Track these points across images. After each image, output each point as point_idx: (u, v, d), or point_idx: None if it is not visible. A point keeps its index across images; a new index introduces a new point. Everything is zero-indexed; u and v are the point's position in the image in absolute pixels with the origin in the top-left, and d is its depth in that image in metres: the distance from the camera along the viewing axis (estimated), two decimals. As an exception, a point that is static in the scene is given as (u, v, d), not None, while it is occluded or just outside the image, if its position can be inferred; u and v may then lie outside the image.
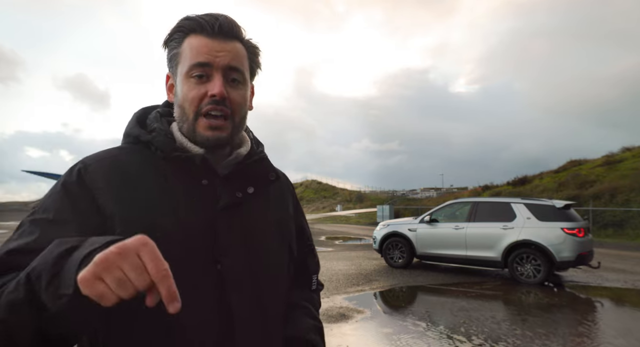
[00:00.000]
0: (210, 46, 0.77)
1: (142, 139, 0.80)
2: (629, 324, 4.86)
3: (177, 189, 0.77)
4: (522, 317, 5.18)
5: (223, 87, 0.76)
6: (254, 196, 0.84)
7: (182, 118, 0.80)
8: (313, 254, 1.04)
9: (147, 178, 0.76)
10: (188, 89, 0.77)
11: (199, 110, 0.77)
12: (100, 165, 0.75)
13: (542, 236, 7.08)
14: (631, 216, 16.11)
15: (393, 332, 4.57)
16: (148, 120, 0.85)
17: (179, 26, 0.79)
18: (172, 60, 0.81)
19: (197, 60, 0.76)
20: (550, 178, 23.61)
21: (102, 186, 0.72)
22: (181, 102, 0.79)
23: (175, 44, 0.80)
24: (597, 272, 8.03)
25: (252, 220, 0.83)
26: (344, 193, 51.45)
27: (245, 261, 0.79)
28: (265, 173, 0.89)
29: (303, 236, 1.02)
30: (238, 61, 0.79)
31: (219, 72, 0.77)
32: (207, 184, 0.79)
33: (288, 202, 0.97)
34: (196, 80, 0.77)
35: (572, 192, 19.25)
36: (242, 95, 0.81)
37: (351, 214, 34.13)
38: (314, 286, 1.02)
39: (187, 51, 0.78)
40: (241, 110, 0.82)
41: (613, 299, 6.21)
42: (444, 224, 8.38)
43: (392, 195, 46.15)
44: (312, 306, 0.96)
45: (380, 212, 26.64)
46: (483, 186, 29.08)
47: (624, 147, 23.76)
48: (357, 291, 6.61)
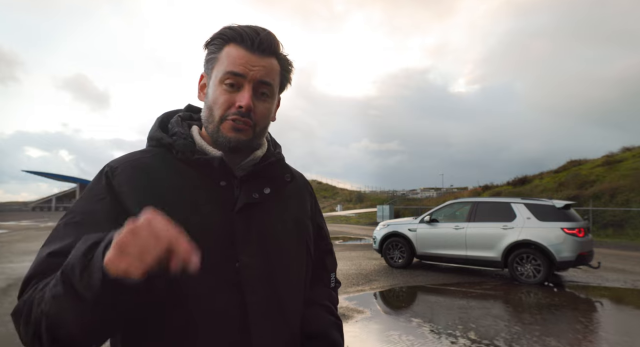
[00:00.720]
0: (247, 59, 0.80)
1: (164, 142, 0.84)
2: (629, 324, 4.86)
3: (196, 190, 0.80)
4: (522, 317, 5.18)
5: (251, 100, 0.80)
6: (271, 197, 0.87)
7: (209, 119, 0.84)
8: (331, 253, 1.08)
9: (169, 180, 0.80)
10: (219, 94, 0.81)
11: (225, 116, 0.81)
12: (124, 168, 0.79)
13: (542, 236, 7.08)
14: (631, 216, 16.10)
15: (393, 332, 4.57)
16: (170, 125, 0.89)
17: (221, 33, 0.83)
18: (208, 63, 0.85)
19: (232, 69, 0.80)
20: (550, 178, 23.60)
21: (126, 189, 0.77)
22: (211, 104, 0.83)
23: (214, 48, 0.83)
24: (597, 272, 8.03)
25: (269, 220, 0.86)
26: (344, 193, 51.44)
27: (263, 260, 0.81)
28: (281, 174, 0.92)
29: (321, 235, 1.05)
30: (270, 76, 0.83)
31: (250, 84, 0.81)
32: (225, 185, 0.82)
33: (306, 202, 1.00)
34: (227, 87, 0.81)
35: (572, 192, 19.25)
36: (267, 108, 0.85)
37: (351, 214, 34.13)
38: (333, 283, 1.05)
39: (224, 58, 0.81)
40: (264, 122, 0.86)
41: (613, 299, 6.21)
42: (444, 224, 8.38)
43: (392, 195, 46.13)
44: (332, 304, 0.99)
45: (380, 212, 26.62)
46: (483, 186, 29.07)
47: (624, 147, 23.78)
48: (357, 291, 6.61)
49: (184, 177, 0.81)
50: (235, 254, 0.79)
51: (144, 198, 0.76)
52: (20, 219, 33.70)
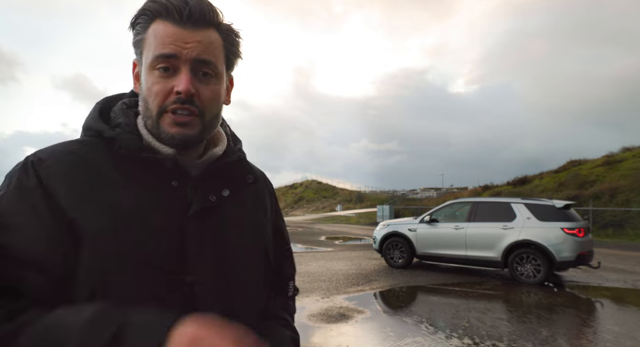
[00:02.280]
0: (177, 35, 0.67)
1: (105, 135, 0.71)
2: (629, 324, 4.86)
3: (143, 191, 0.69)
4: (522, 317, 5.18)
5: (190, 84, 0.68)
6: (230, 199, 0.77)
7: (146, 113, 0.71)
8: (290, 258, 0.96)
9: (110, 178, 0.68)
10: (152, 82, 0.69)
11: (164, 107, 0.69)
12: (56, 161, 0.66)
13: (542, 236, 7.08)
14: (631, 216, 16.10)
15: (393, 333, 4.57)
16: (112, 113, 0.76)
17: (144, 9, 0.69)
18: (136, 47, 0.72)
19: (161, 52, 0.67)
20: (550, 178, 23.60)
21: (58, 186, 0.64)
22: (145, 96, 0.71)
23: (140, 28, 0.70)
24: (597, 272, 8.03)
25: (226, 226, 0.76)
26: (344, 193, 51.44)
27: (218, 272, 0.72)
28: (242, 175, 0.81)
29: (281, 239, 0.93)
30: (210, 53, 0.70)
31: (186, 65, 0.68)
32: (177, 186, 0.71)
33: (266, 205, 0.89)
34: (161, 73, 0.68)
35: (572, 192, 19.25)
36: (214, 90, 0.72)
37: (351, 214, 34.13)
38: (290, 291, 0.94)
39: (151, 39, 0.69)
40: (213, 108, 0.73)
41: (613, 299, 6.21)
42: (444, 224, 8.38)
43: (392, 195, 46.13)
44: (289, 315, 0.91)
45: (380, 212, 26.62)
46: (483, 186, 29.08)
47: (624, 147, 23.78)
48: (357, 291, 6.61)
49: (130, 175, 0.69)
50: (186, 265, 0.68)
51: (79, 199, 0.64)
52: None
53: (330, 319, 5.01)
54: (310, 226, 24.99)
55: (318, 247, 13.35)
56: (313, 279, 7.53)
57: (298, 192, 58.65)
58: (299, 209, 50.55)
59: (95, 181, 0.67)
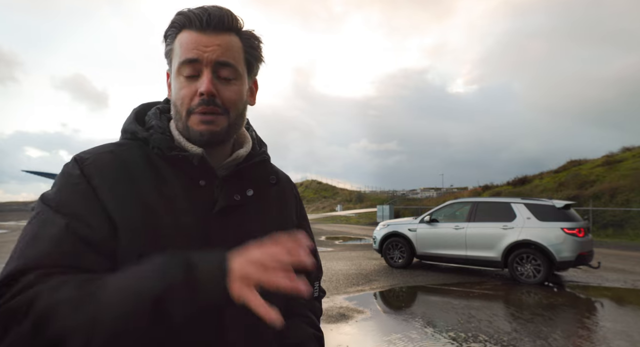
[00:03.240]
0: (198, 41, 0.73)
1: (140, 136, 0.78)
2: (629, 324, 4.86)
3: (174, 189, 0.74)
4: (522, 317, 5.17)
5: (211, 85, 0.73)
6: (253, 199, 0.81)
7: (177, 116, 0.78)
8: (315, 259, 0.97)
9: (144, 176, 0.73)
10: (179, 87, 0.75)
11: (191, 109, 0.74)
12: (95, 160, 0.72)
13: (542, 236, 7.08)
14: (631, 216, 16.10)
15: (393, 333, 4.57)
16: (147, 117, 0.82)
17: (172, 22, 0.76)
18: (167, 57, 0.79)
19: (185, 57, 0.73)
20: (550, 178, 23.60)
21: (98, 182, 0.69)
22: (174, 100, 0.77)
23: (169, 40, 0.77)
24: (597, 272, 8.03)
25: (249, 224, 0.79)
26: (344, 193, 51.43)
27: None
28: (266, 176, 0.86)
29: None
30: (229, 55, 0.75)
31: (208, 68, 0.73)
32: (204, 185, 0.76)
33: (290, 206, 0.93)
34: (186, 78, 0.74)
35: (572, 192, 19.25)
36: (235, 91, 0.77)
37: (351, 214, 34.12)
38: (316, 293, 0.97)
39: (177, 48, 0.75)
40: (236, 106, 0.77)
41: (613, 299, 6.21)
42: (444, 224, 8.38)
43: (392, 195, 46.13)
44: (313, 314, 0.93)
45: (380, 212, 26.62)
46: (483, 186, 29.07)
47: (624, 147, 23.77)
48: (357, 291, 6.60)
49: (161, 174, 0.74)
50: None
51: (116, 195, 0.69)
52: (20, 219, 33.67)
53: (330, 319, 5.01)
54: (310, 225, 24.92)
55: (318, 247, 13.24)
56: (313, 279, 7.52)
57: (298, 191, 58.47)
58: (299, 209, 50.38)
59: (129, 179, 0.72)
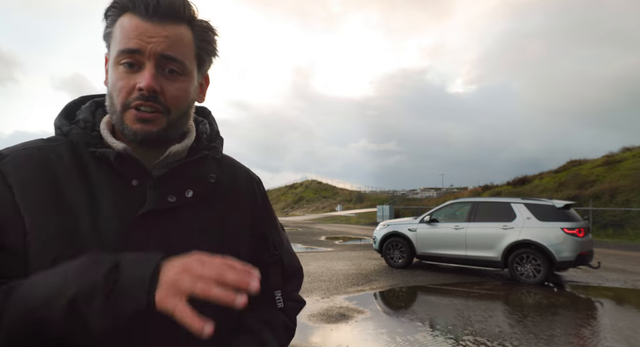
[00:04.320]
0: (142, 29, 0.65)
1: (63, 131, 0.71)
2: (629, 324, 4.86)
3: (100, 190, 0.67)
4: (522, 317, 5.17)
5: (153, 80, 0.65)
6: (194, 201, 0.72)
7: (111, 109, 0.70)
8: (278, 264, 0.85)
9: (68, 175, 0.66)
10: (117, 77, 0.67)
11: (127, 103, 0.67)
12: (14, 158, 0.66)
13: (542, 236, 7.08)
14: (631, 216, 16.10)
15: (393, 333, 4.57)
16: (78, 111, 0.76)
17: (114, 1, 0.67)
18: (106, 40, 0.71)
19: (125, 46, 0.65)
20: (550, 178, 23.60)
21: (15, 180, 0.64)
22: (110, 91, 0.69)
23: (109, 22, 0.68)
24: (597, 272, 8.02)
25: (185, 230, 0.71)
26: (344, 193, 51.44)
27: None
28: (205, 174, 0.76)
29: (264, 245, 0.84)
30: (176, 49, 0.67)
31: (151, 61, 0.66)
32: (137, 185, 0.69)
33: (242, 207, 0.82)
34: (125, 68, 0.66)
35: (572, 192, 19.25)
36: (180, 88, 0.69)
37: (351, 214, 34.12)
38: (279, 303, 0.82)
39: (117, 33, 0.67)
40: (179, 105, 0.70)
41: (613, 299, 6.21)
42: (444, 224, 8.38)
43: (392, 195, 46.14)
44: (269, 329, 0.78)
45: (380, 212, 26.62)
46: (483, 186, 29.08)
47: (624, 147, 23.78)
48: (357, 291, 6.61)
49: (89, 173, 0.67)
50: None
51: (32, 195, 0.63)
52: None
53: (330, 319, 5.01)
54: (310, 226, 24.99)
55: (318, 247, 13.35)
56: (313, 279, 7.53)
57: (298, 192, 58.65)
58: (299, 209, 50.55)
59: (49, 178, 0.65)
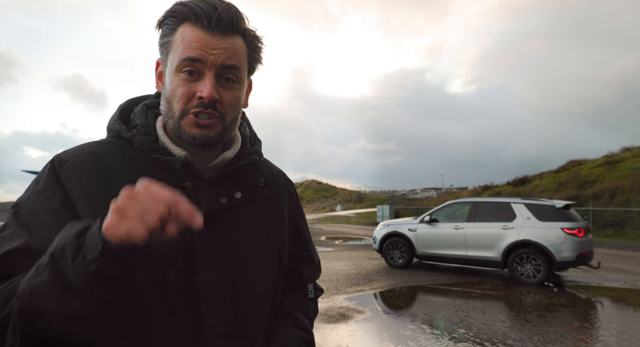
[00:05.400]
0: (205, 41, 0.69)
1: (123, 136, 0.75)
2: (629, 324, 4.86)
3: None
4: (522, 317, 5.17)
5: (214, 90, 0.69)
6: (242, 202, 0.78)
7: (168, 114, 0.73)
8: (310, 260, 0.96)
9: (125, 177, 0.69)
10: (177, 84, 0.70)
11: (187, 110, 0.71)
12: (75, 163, 0.70)
13: (542, 236, 7.08)
14: (631, 216, 16.10)
15: (393, 333, 4.57)
16: (132, 115, 0.79)
17: (173, 11, 0.71)
18: (163, 48, 0.74)
19: (188, 55, 0.69)
20: (550, 178, 23.60)
21: (75, 186, 0.68)
22: (169, 97, 0.72)
23: (167, 30, 0.72)
24: (597, 272, 8.03)
25: (237, 228, 0.77)
26: (344, 193, 51.43)
27: (225, 274, 0.73)
28: (255, 177, 0.82)
29: (300, 241, 0.94)
30: (235, 59, 0.72)
31: (211, 71, 0.70)
32: (190, 187, 0.72)
33: (283, 207, 0.89)
34: (186, 76, 0.70)
35: (572, 192, 19.25)
36: (235, 96, 0.74)
37: (351, 214, 34.12)
38: (311, 293, 0.94)
39: (179, 42, 0.70)
40: (233, 111, 0.75)
41: (613, 299, 6.21)
42: (444, 224, 8.38)
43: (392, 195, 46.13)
44: (304, 315, 0.89)
45: (380, 212, 26.62)
46: (483, 186, 29.08)
47: (624, 147, 23.80)
48: (357, 291, 6.60)
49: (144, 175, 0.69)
50: (193, 267, 0.70)
51: (92, 197, 0.67)
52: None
53: (330, 319, 5.01)
54: (310, 226, 24.85)
55: (318, 247, 13.35)
56: (313, 279, 7.53)
57: (298, 192, 58.44)
58: (298, 209, 50.42)
59: (109, 180, 0.69)
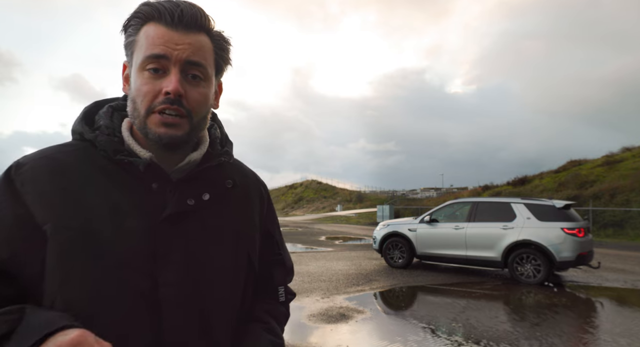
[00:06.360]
0: (168, 37, 0.69)
1: (86, 137, 0.73)
2: (629, 324, 4.85)
3: (121, 193, 0.69)
4: (522, 317, 5.17)
5: (179, 84, 0.69)
6: (210, 203, 0.77)
7: (134, 113, 0.72)
8: (281, 263, 0.94)
9: (88, 179, 0.69)
10: (142, 82, 0.70)
11: (152, 107, 0.70)
12: (33, 166, 0.68)
13: (542, 236, 7.08)
14: (631, 216, 16.09)
15: (393, 333, 4.57)
16: (97, 116, 0.78)
17: (137, 12, 0.71)
18: (127, 48, 0.74)
19: (152, 52, 0.69)
20: (550, 178, 23.59)
21: (31, 191, 0.66)
22: (134, 96, 0.71)
23: (132, 31, 0.72)
24: (597, 272, 8.02)
25: (204, 230, 0.75)
26: (344, 193, 51.42)
27: (188, 277, 0.71)
28: (223, 179, 0.81)
29: (270, 244, 0.92)
30: (200, 55, 0.72)
31: (176, 66, 0.70)
32: (156, 188, 0.72)
33: (254, 209, 0.87)
34: (151, 74, 0.70)
35: (572, 192, 19.24)
36: (202, 93, 0.73)
37: (351, 214, 34.11)
38: (282, 297, 0.92)
39: (142, 40, 0.70)
40: (201, 110, 0.74)
41: (613, 299, 6.20)
42: (444, 224, 8.38)
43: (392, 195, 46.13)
44: (274, 320, 0.87)
45: (380, 212, 26.62)
46: (483, 186, 29.07)
47: (624, 147, 23.79)
48: (357, 291, 6.60)
49: (108, 177, 0.70)
50: (155, 270, 0.68)
51: (52, 202, 0.65)
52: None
53: (330, 319, 5.01)
54: (310, 226, 24.98)
55: (318, 247, 13.35)
56: (313, 279, 7.53)
57: (298, 192, 58.63)
58: (299, 209, 50.53)
59: (70, 183, 0.67)
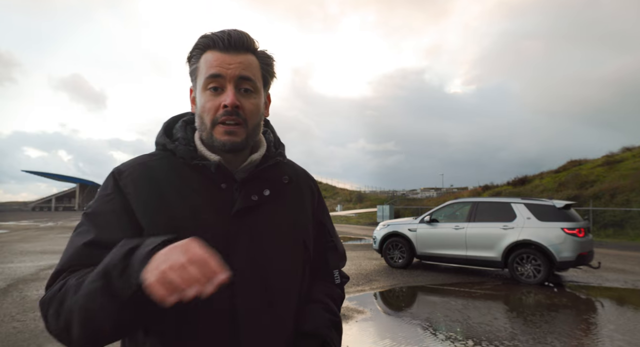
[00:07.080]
0: (222, 59, 0.85)
1: (168, 148, 0.90)
2: (630, 324, 4.85)
3: (197, 193, 0.85)
4: (522, 317, 5.17)
5: (235, 97, 0.84)
6: (271, 198, 0.91)
7: (202, 127, 0.88)
8: (334, 249, 1.07)
9: (172, 183, 0.85)
10: (205, 100, 0.86)
11: (216, 120, 0.85)
12: (131, 171, 0.85)
13: (542, 236, 7.07)
14: (631, 216, 16.09)
15: (393, 333, 4.57)
16: (174, 130, 0.95)
17: (197, 44, 0.87)
18: (192, 75, 0.90)
19: (210, 72, 0.84)
20: (550, 178, 23.59)
21: (131, 191, 0.83)
22: (200, 113, 0.87)
23: (194, 60, 0.88)
24: (597, 272, 8.03)
25: (265, 222, 0.88)
26: (344, 193, 51.40)
27: (255, 263, 0.84)
28: (280, 176, 0.95)
29: (323, 232, 1.06)
30: (249, 71, 0.86)
31: (231, 83, 0.84)
32: (225, 187, 0.87)
33: (306, 201, 1.02)
34: (212, 92, 0.85)
35: (572, 192, 19.24)
36: (254, 103, 0.88)
37: (351, 214, 34.11)
38: (337, 279, 1.06)
39: (202, 66, 0.86)
40: (254, 118, 0.88)
41: (613, 299, 6.20)
42: (444, 224, 8.37)
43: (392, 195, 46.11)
44: (332, 300, 1.00)
45: (380, 212, 26.61)
46: (483, 186, 29.07)
47: (624, 147, 23.80)
48: (357, 291, 6.60)
49: (187, 180, 0.86)
50: (229, 256, 0.80)
51: (146, 201, 0.82)
52: (20, 219, 33.64)
53: (330, 319, 5.00)
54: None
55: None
56: (313, 279, 7.52)
57: (298, 192, 58.45)
58: (299, 209, 50.37)
59: (157, 186, 0.84)
